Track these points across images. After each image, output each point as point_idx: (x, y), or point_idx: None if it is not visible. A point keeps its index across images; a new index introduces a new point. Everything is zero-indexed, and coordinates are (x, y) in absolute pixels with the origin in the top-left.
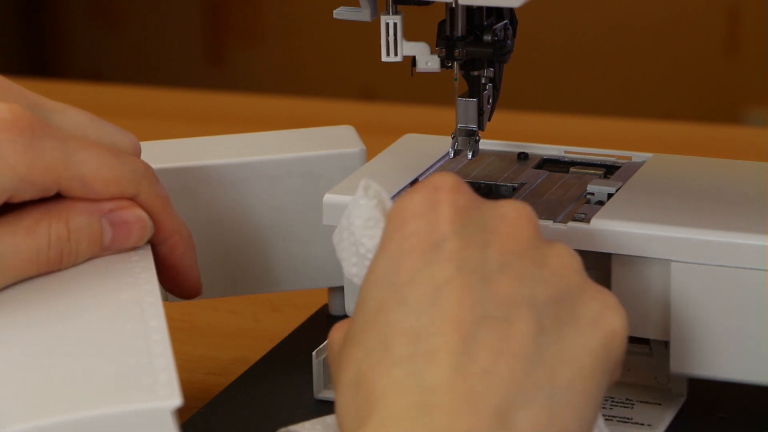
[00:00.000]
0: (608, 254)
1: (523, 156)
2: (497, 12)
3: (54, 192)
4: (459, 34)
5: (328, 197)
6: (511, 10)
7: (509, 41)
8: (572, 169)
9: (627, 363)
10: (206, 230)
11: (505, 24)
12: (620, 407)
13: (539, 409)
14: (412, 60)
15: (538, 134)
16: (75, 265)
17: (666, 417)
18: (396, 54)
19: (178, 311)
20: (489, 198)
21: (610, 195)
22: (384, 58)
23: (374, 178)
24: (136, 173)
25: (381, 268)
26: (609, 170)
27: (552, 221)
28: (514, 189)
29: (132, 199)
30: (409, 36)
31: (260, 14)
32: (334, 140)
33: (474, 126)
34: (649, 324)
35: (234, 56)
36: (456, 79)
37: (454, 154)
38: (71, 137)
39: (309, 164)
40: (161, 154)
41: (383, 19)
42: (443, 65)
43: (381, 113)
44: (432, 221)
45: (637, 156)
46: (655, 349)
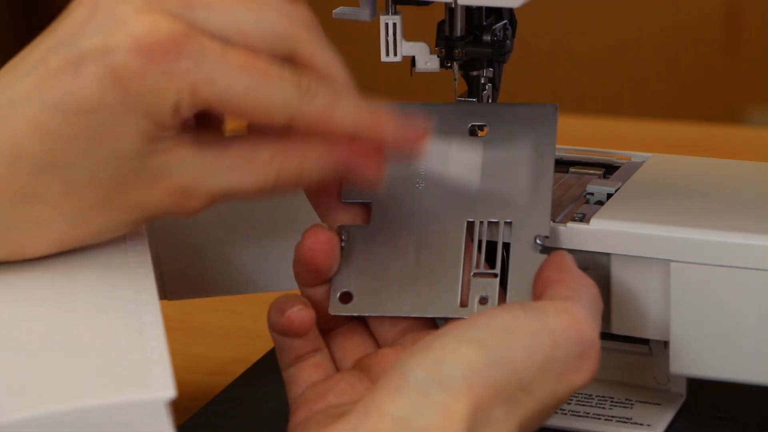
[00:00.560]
0: (608, 254)
1: None
2: (496, 12)
3: (209, 110)
4: (458, 35)
5: None
6: (511, 11)
7: (508, 41)
8: (572, 169)
9: (627, 363)
10: (206, 230)
11: (505, 24)
12: (620, 407)
13: None
14: (412, 60)
15: None
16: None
17: (665, 417)
18: (395, 54)
19: (178, 311)
20: None
21: (610, 195)
22: (383, 58)
23: None
24: (289, 94)
25: None
26: (608, 170)
27: (552, 221)
28: None
29: (287, 124)
30: (409, 36)
31: None
32: None
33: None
34: (649, 324)
35: None
36: (455, 79)
37: None
38: (219, 51)
39: None
40: None
41: (383, 19)
42: (443, 65)
43: None
44: None
45: (637, 156)
46: (655, 349)
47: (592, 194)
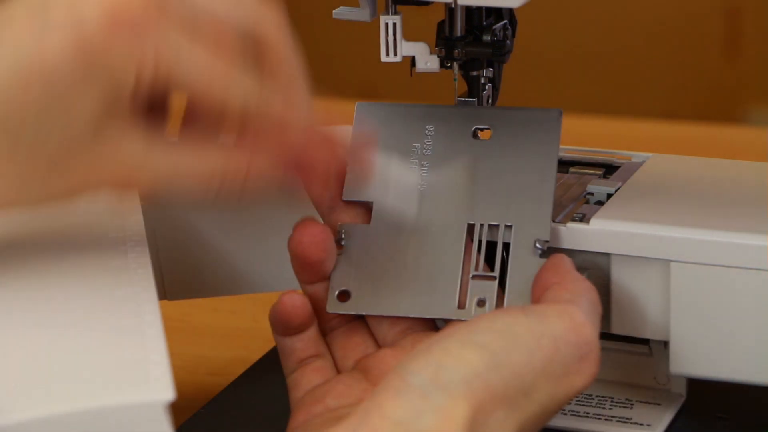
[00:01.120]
0: (607, 254)
1: None
2: (496, 12)
3: (170, 90)
4: (458, 35)
5: None
6: (511, 11)
7: (508, 41)
8: (572, 169)
9: (627, 363)
10: (206, 230)
11: (505, 24)
12: (620, 407)
13: None
14: (412, 60)
15: None
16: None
17: (665, 417)
18: (395, 54)
19: (178, 311)
20: None
21: (610, 195)
22: (383, 58)
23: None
24: (247, 91)
25: None
26: (608, 170)
27: (552, 221)
28: None
29: (240, 120)
30: (409, 36)
31: None
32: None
33: None
34: (649, 324)
35: None
36: (455, 79)
37: None
38: (188, 35)
39: None
40: None
41: (383, 19)
42: (443, 65)
43: None
44: None
45: (637, 156)
46: (655, 349)
47: (592, 194)
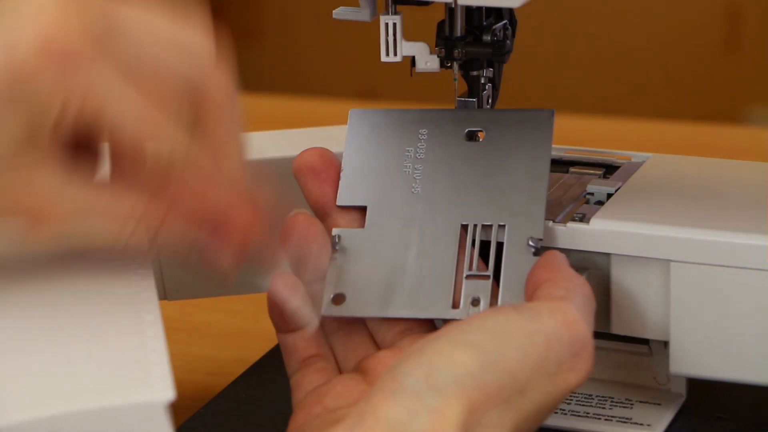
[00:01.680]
0: (607, 254)
1: None
2: (496, 12)
3: (95, 131)
4: (458, 35)
5: None
6: (511, 11)
7: (508, 41)
8: (572, 169)
9: (627, 363)
10: None
11: (505, 24)
12: (620, 407)
13: None
14: (412, 60)
15: None
16: (149, 258)
17: (665, 417)
18: (395, 54)
19: (178, 311)
20: None
21: (610, 195)
22: (383, 58)
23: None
24: (175, 144)
25: None
26: (608, 170)
27: (552, 221)
28: None
29: (163, 171)
30: (409, 36)
31: (260, 14)
32: (334, 140)
33: None
34: (649, 324)
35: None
36: (455, 79)
37: None
38: (123, 75)
39: None
40: None
41: (382, 19)
42: (442, 65)
43: None
44: None
45: (637, 156)
46: (655, 349)
47: (592, 194)
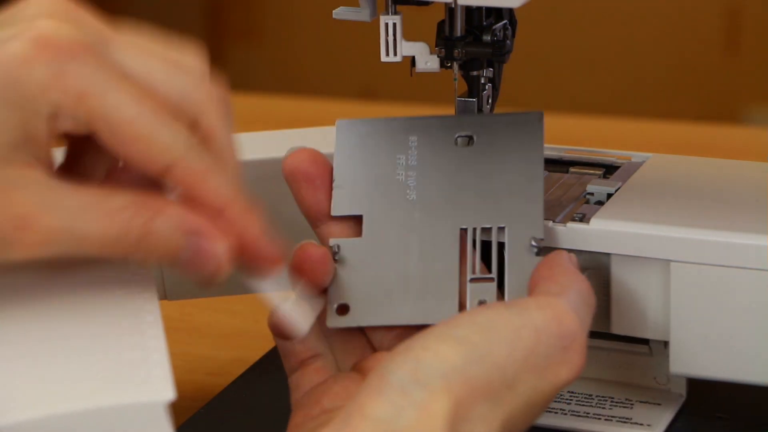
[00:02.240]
0: (607, 254)
1: None
2: (496, 12)
3: (88, 131)
4: (458, 35)
5: None
6: (511, 11)
7: (508, 41)
8: (572, 169)
9: (627, 363)
10: None
11: (505, 24)
12: (620, 407)
13: None
14: (412, 60)
15: None
16: (142, 263)
17: (665, 417)
18: (395, 54)
19: (178, 311)
20: None
21: (610, 195)
22: (383, 58)
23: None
24: (175, 141)
25: None
26: (608, 170)
27: (551, 221)
28: None
29: (163, 172)
30: (409, 36)
31: (260, 14)
32: (334, 140)
33: None
34: (649, 324)
35: (233, 56)
36: (455, 79)
37: None
38: (118, 76)
39: None
40: None
41: (382, 19)
42: (442, 65)
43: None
44: None
45: (637, 156)
46: (655, 349)
47: (592, 194)
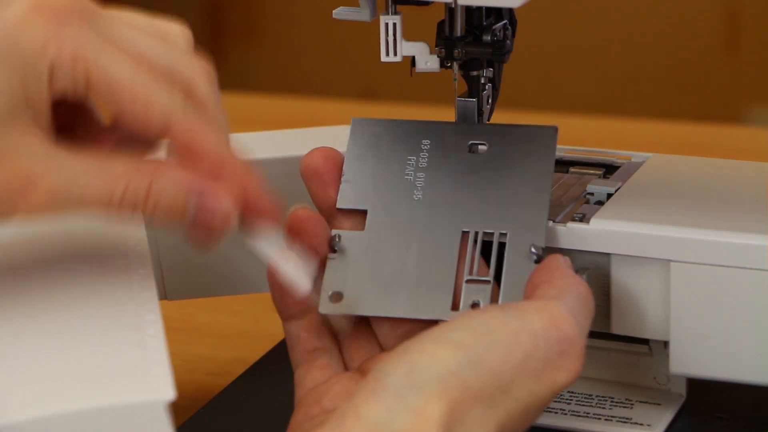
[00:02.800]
0: (607, 254)
1: None
2: (496, 12)
3: (85, 92)
4: (458, 35)
5: None
6: (511, 10)
7: (508, 41)
8: (572, 169)
9: (627, 363)
10: None
11: (505, 24)
12: (620, 407)
13: None
14: (412, 60)
15: None
16: (151, 224)
17: (665, 417)
18: (395, 54)
19: (178, 311)
20: None
21: (610, 195)
22: (383, 58)
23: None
24: (173, 101)
25: None
26: (608, 170)
27: (551, 221)
28: None
29: (162, 131)
30: (409, 36)
31: (260, 14)
32: (334, 140)
33: None
34: (649, 324)
35: (234, 56)
36: (455, 79)
37: None
38: (112, 41)
39: None
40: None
41: (382, 19)
42: (442, 65)
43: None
44: None
45: (637, 156)
46: (655, 349)
47: (592, 194)
